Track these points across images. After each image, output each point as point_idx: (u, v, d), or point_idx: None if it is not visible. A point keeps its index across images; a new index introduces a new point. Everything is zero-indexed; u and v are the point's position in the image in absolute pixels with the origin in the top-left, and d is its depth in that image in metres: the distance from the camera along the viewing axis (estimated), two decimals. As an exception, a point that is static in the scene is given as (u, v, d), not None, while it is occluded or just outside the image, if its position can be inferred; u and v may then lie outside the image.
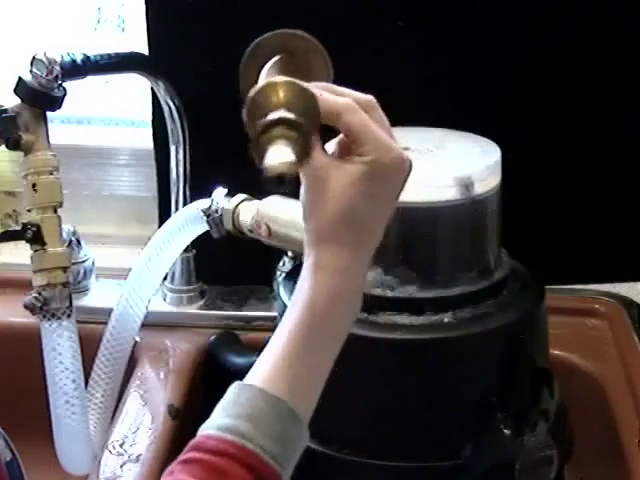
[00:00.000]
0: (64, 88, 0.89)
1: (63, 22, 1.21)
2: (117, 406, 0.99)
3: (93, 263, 1.13)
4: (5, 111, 0.87)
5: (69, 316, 0.90)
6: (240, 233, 0.88)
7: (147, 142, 1.13)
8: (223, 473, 0.54)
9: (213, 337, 1.08)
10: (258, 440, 0.55)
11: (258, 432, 0.55)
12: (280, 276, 1.05)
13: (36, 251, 0.88)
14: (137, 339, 1.03)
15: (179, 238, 0.98)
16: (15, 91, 0.88)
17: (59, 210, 0.90)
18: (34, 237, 0.88)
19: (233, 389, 0.59)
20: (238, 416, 0.56)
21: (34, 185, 0.89)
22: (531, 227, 1.07)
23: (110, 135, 1.27)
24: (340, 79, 1.06)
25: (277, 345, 0.60)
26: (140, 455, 0.90)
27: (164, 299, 1.12)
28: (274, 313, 0.89)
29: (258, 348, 1.03)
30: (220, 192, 0.91)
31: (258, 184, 0.87)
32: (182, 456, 0.57)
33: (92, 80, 0.93)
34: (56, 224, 0.89)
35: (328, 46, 1.06)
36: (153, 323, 1.06)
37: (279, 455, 0.56)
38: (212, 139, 1.09)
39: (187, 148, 1.06)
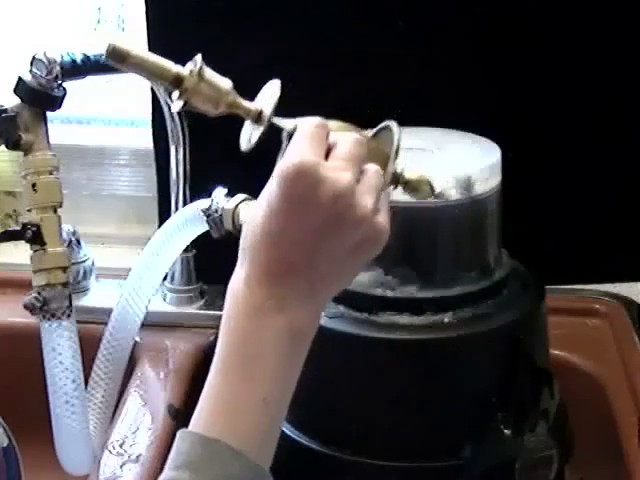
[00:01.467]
0: (64, 88, 0.89)
1: (63, 22, 1.21)
2: (117, 406, 0.99)
3: (93, 263, 1.13)
4: (5, 111, 0.88)
5: (69, 316, 0.90)
6: (240, 233, 0.88)
7: (147, 142, 1.13)
8: None
9: (213, 337, 1.08)
10: None
11: (198, 478, 0.55)
12: (280, 276, 1.05)
13: (36, 251, 0.88)
14: (137, 339, 1.03)
15: (179, 238, 0.98)
16: (15, 91, 0.88)
17: (59, 210, 0.90)
18: (34, 237, 0.88)
19: (177, 438, 0.58)
20: (178, 466, 0.56)
21: (34, 185, 0.89)
22: (531, 227, 1.07)
23: (110, 135, 1.27)
24: (340, 79, 1.06)
25: (206, 382, 0.60)
26: (140, 455, 0.90)
27: (164, 299, 1.12)
28: (274, 313, 0.89)
29: (258, 348, 1.04)
30: (220, 192, 0.91)
31: (258, 184, 0.88)
32: None
33: (92, 80, 0.93)
34: (56, 224, 0.89)
35: (328, 46, 1.07)
36: (153, 323, 1.06)
37: None
38: (212, 139, 1.09)
39: (187, 148, 1.06)
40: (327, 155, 0.60)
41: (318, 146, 0.59)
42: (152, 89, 1.04)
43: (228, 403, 0.58)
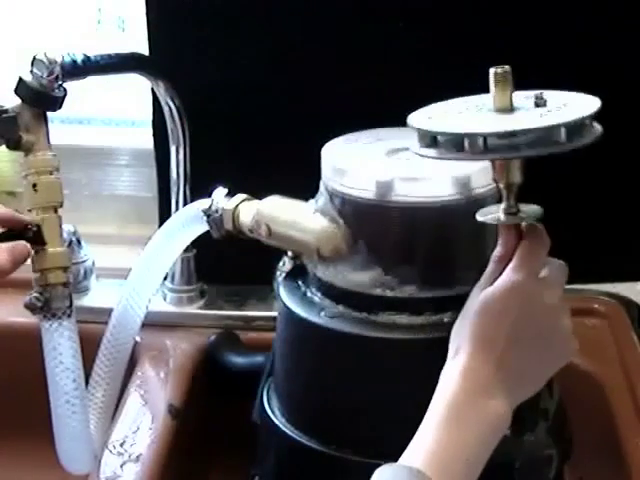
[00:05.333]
0: (64, 88, 0.89)
1: (64, 22, 1.22)
2: (117, 406, 0.99)
3: (93, 263, 1.14)
4: (6, 111, 0.88)
5: (69, 316, 0.90)
6: (240, 233, 0.88)
7: (147, 142, 1.14)
8: None
9: (213, 337, 1.09)
10: None
11: None
12: (280, 276, 1.05)
13: (36, 251, 0.88)
14: (137, 339, 1.03)
15: (179, 238, 0.98)
16: (16, 91, 0.88)
17: (59, 210, 0.90)
18: (35, 237, 0.88)
19: (378, 470, 0.67)
20: None
21: (34, 185, 0.89)
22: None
23: (110, 135, 1.27)
24: (340, 79, 1.06)
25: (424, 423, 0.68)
26: (140, 455, 0.90)
27: (164, 299, 1.12)
28: (274, 313, 0.89)
29: (258, 348, 1.04)
30: (220, 192, 0.91)
31: (258, 184, 0.88)
32: None
33: (92, 80, 0.93)
34: (56, 224, 0.90)
35: (328, 46, 1.07)
36: (153, 323, 1.06)
37: None
38: (212, 139, 1.10)
39: (187, 148, 1.06)
40: None
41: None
42: (152, 89, 1.05)
43: (442, 449, 0.66)
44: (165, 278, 1.11)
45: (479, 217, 0.73)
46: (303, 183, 0.79)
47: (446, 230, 0.79)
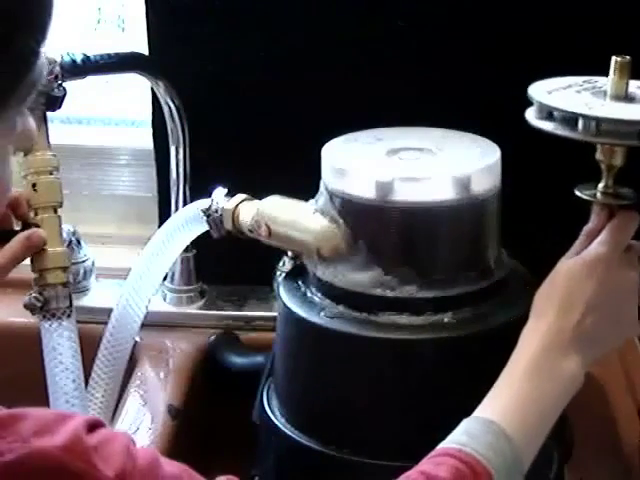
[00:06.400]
0: (64, 88, 0.89)
1: (63, 22, 1.21)
2: (117, 406, 0.99)
3: (93, 263, 1.14)
4: (5, 111, 0.87)
5: (69, 316, 0.90)
6: (240, 233, 0.88)
7: (147, 142, 1.14)
8: (441, 463, 0.66)
9: (213, 337, 1.09)
10: (472, 445, 0.66)
11: (472, 440, 0.66)
12: (280, 276, 1.06)
13: (36, 251, 0.88)
14: (137, 339, 1.03)
15: (179, 238, 0.98)
16: (15, 91, 0.88)
17: (59, 210, 0.90)
18: (34, 237, 0.88)
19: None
20: (455, 433, 0.68)
21: (34, 185, 0.89)
22: (531, 227, 1.07)
23: (110, 135, 1.27)
24: (340, 79, 1.06)
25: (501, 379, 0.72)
26: (140, 455, 0.90)
27: (164, 299, 1.12)
28: (274, 313, 0.89)
29: (258, 348, 1.04)
30: (220, 192, 0.91)
31: (258, 184, 0.88)
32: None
33: (92, 80, 0.93)
34: (56, 224, 0.90)
35: (328, 46, 1.07)
36: (153, 323, 1.06)
37: (491, 459, 0.66)
38: (212, 139, 1.10)
39: (187, 148, 1.06)
40: None
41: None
42: (152, 89, 1.05)
43: (516, 402, 0.69)
44: (165, 278, 1.10)
45: (577, 191, 0.77)
46: (303, 183, 0.79)
47: (446, 230, 0.79)
